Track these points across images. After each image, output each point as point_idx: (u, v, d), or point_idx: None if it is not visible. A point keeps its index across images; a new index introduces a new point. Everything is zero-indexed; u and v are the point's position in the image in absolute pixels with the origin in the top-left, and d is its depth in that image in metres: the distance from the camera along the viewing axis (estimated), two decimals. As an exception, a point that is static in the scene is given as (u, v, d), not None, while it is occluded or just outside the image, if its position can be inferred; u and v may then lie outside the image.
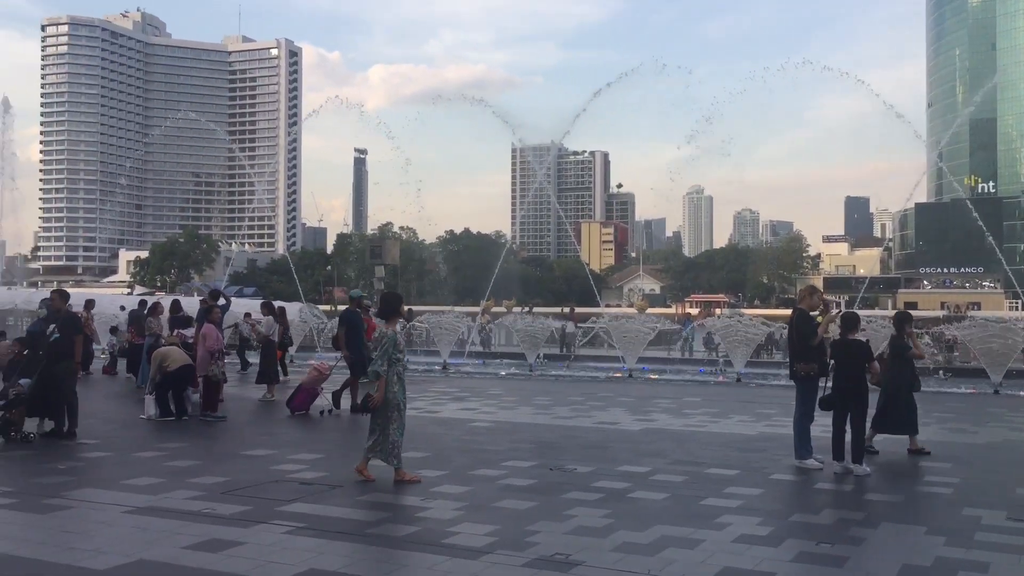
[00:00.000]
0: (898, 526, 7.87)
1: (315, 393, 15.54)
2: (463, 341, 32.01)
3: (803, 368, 10.95)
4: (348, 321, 15.85)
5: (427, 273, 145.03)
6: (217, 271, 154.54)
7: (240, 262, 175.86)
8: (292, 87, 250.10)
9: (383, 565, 6.46)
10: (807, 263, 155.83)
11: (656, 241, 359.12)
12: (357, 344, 15.46)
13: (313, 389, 15.53)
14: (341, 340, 15.66)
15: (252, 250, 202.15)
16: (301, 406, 15.44)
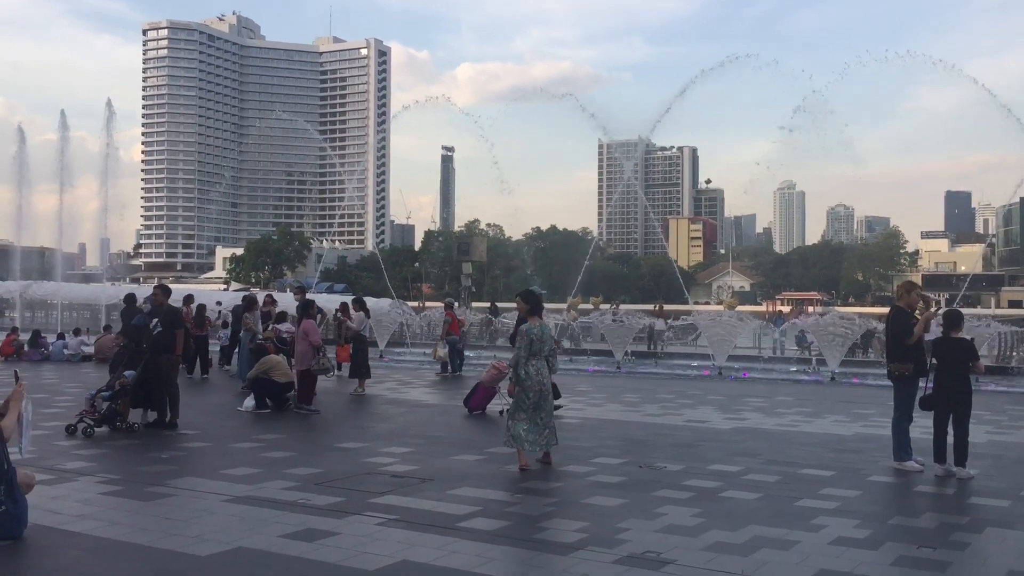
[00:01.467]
0: (1005, 531, 7.57)
1: (493, 392, 14.93)
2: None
3: (897, 368, 10.62)
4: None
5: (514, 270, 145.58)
6: (309, 268, 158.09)
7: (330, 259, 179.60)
8: (381, 86, 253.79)
9: (473, 559, 6.50)
10: (904, 260, 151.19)
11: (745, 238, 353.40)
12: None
13: (492, 388, 14.91)
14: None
15: (342, 247, 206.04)
16: (479, 405, 14.95)
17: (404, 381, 21.07)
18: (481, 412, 14.89)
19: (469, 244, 51.77)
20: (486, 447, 11.50)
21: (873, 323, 25.51)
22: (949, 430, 10.07)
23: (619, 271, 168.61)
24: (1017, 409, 16.61)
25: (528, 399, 10.20)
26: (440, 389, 19.48)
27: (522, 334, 10.38)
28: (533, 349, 10.25)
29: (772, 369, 27.43)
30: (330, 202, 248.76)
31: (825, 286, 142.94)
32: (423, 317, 35.74)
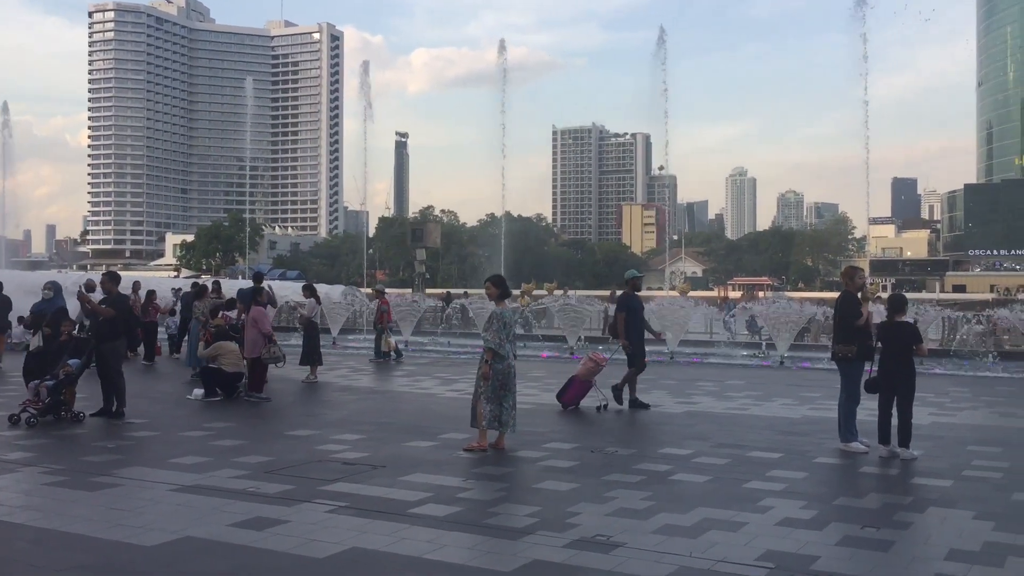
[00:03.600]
0: (946, 511, 7.74)
1: (589, 386, 14.10)
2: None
3: (841, 350, 10.82)
4: (628, 306, 14.24)
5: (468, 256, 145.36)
6: (261, 255, 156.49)
7: (283, 246, 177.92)
8: (334, 71, 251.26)
9: (424, 545, 6.49)
10: (853, 245, 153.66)
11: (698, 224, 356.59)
12: (639, 332, 14.31)
13: (587, 382, 14.11)
14: (621, 327, 14.10)
15: (295, 234, 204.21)
16: (573, 400, 14.04)
17: (356, 368, 20.96)
18: (575, 408, 13.97)
19: (423, 230, 51.68)
20: (439, 433, 11.48)
21: (814, 308, 25.88)
22: (893, 412, 10.27)
23: (573, 257, 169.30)
24: (959, 391, 17.00)
25: (498, 380, 10.28)
26: (392, 376, 19.39)
27: (495, 317, 10.43)
28: (504, 333, 10.33)
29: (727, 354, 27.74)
30: (283, 188, 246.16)
31: (775, 271, 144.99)
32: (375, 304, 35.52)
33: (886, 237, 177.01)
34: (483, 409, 10.32)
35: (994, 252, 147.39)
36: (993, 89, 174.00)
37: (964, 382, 18.99)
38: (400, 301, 32.83)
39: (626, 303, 14.33)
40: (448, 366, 21.83)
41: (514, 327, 10.77)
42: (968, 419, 13.46)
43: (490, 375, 10.27)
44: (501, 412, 10.33)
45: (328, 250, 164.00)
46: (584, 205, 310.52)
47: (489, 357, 10.31)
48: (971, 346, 25.27)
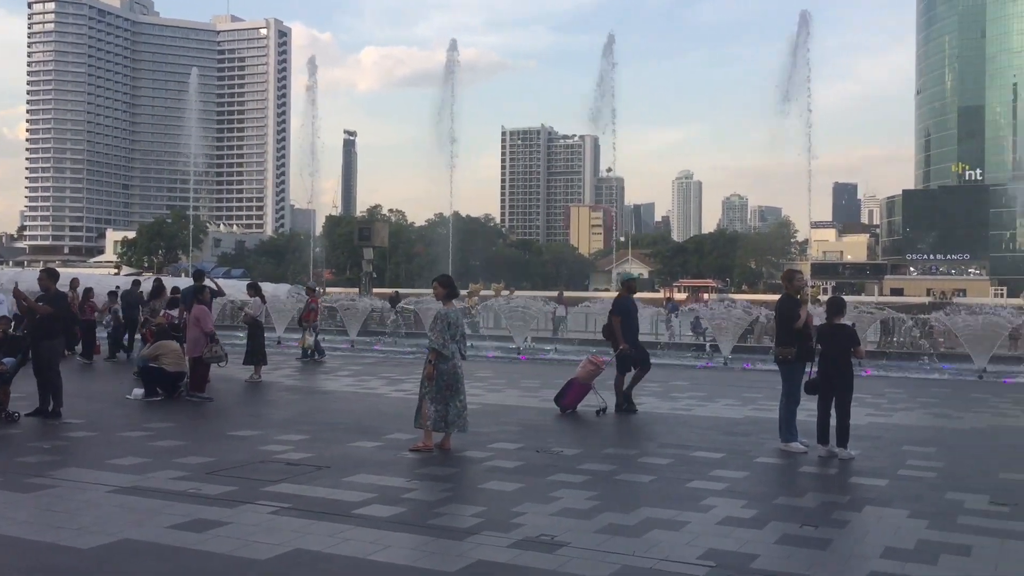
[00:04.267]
0: (882, 509, 7.92)
1: (588, 389, 13.84)
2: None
3: (781, 352, 11.02)
4: (623, 309, 14.05)
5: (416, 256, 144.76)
6: (205, 252, 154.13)
7: (228, 243, 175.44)
8: (282, 68, 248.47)
9: (368, 546, 6.46)
10: (795, 249, 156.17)
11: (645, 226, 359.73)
12: (635, 334, 14.15)
13: (586, 385, 13.85)
14: (617, 331, 13.86)
15: (240, 232, 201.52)
16: (572, 404, 13.77)
17: (302, 368, 20.75)
18: (573, 411, 13.71)
19: (370, 229, 51.30)
20: (385, 434, 11.43)
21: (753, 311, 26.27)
22: (832, 413, 10.48)
23: (521, 258, 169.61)
24: (896, 392, 17.38)
25: (444, 381, 10.24)
26: (338, 376, 19.24)
27: (440, 317, 10.39)
28: (450, 333, 10.30)
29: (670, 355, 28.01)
30: (228, 185, 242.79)
31: (720, 273, 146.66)
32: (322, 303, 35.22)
33: (827, 241, 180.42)
34: (428, 410, 10.29)
35: (931, 256, 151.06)
36: (931, 97, 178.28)
37: (900, 383, 19.43)
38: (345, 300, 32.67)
39: (622, 306, 14.08)
40: (395, 366, 21.73)
41: (462, 327, 10.76)
42: (904, 420, 13.78)
43: (434, 375, 10.24)
44: (447, 413, 10.31)
45: (274, 248, 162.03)
46: (532, 206, 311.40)
47: (433, 357, 10.28)
48: (908, 348, 25.88)
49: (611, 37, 40.84)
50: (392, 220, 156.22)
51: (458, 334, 10.48)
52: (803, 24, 35.56)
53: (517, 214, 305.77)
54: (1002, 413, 14.69)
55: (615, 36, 43.73)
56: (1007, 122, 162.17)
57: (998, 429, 13.05)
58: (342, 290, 71.25)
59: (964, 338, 22.88)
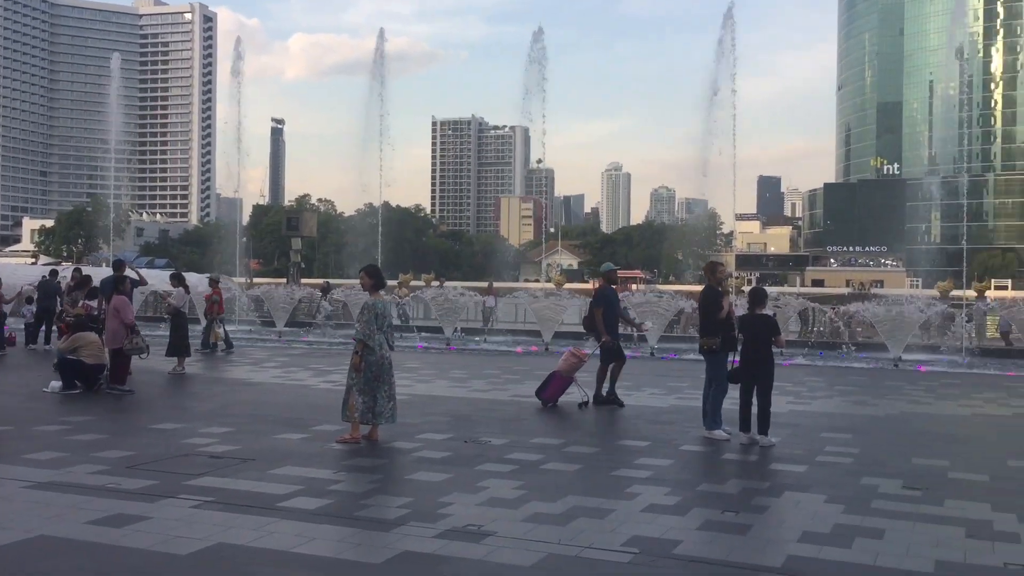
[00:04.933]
0: (800, 495, 8.13)
1: (569, 382, 13.63)
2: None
3: (706, 342, 11.24)
4: (604, 299, 13.83)
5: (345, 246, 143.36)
6: (127, 242, 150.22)
7: (151, 233, 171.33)
8: (207, 53, 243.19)
9: (293, 539, 6.40)
10: (720, 240, 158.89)
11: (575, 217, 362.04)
12: (614, 325, 13.83)
13: (568, 378, 13.62)
14: (600, 322, 13.59)
15: (164, 221, 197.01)
16: (553, 397, 13.55)
17: (227, 360, 20.43)
18: (554, 404, 13.52)
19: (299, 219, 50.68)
20: (312, 425, 11.33)
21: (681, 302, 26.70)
22: (754, 401, 10.72)
23: (451, 248, 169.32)
24: (815, 380, 17.86)
25: (371, 372, 10.18)
26: (265, 367, 18.98)
27: (367, 308, 10.33)
28: (377, 323, 10.24)
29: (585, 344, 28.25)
30: (151, 173, 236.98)
31: (648, 264, 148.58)
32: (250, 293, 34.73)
33: (752, 233, 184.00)
34: (355, 401, 10.22)
35: (850, 248, 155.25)
36: (852, 93, 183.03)
37: (819, 372, 19.97)
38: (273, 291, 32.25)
39: (603, 297, 13.86)
40: (323, 357, 21.53)
41: (390, 318, 10.71)
42: (822, 407, 14.17)
43: (361, 366, 10.18)
44: (375, 404, 10.26)
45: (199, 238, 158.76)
46: (463, 196, 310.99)
47: (359, 348, 10.22)
48: (827, 337, 26.58)
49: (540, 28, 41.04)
50: (321, 210, 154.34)
51: (385, 325, 10.44)
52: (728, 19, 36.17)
53: (448, 205, 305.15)
54: (915, 400, 15.21)
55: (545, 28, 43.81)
56: (923, 118, 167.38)
57: (911, 416, 13.51)
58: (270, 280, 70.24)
59: (880, 328, 23.60)
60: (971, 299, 30.10)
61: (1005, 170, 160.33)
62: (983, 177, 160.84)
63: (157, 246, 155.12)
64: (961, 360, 23.82)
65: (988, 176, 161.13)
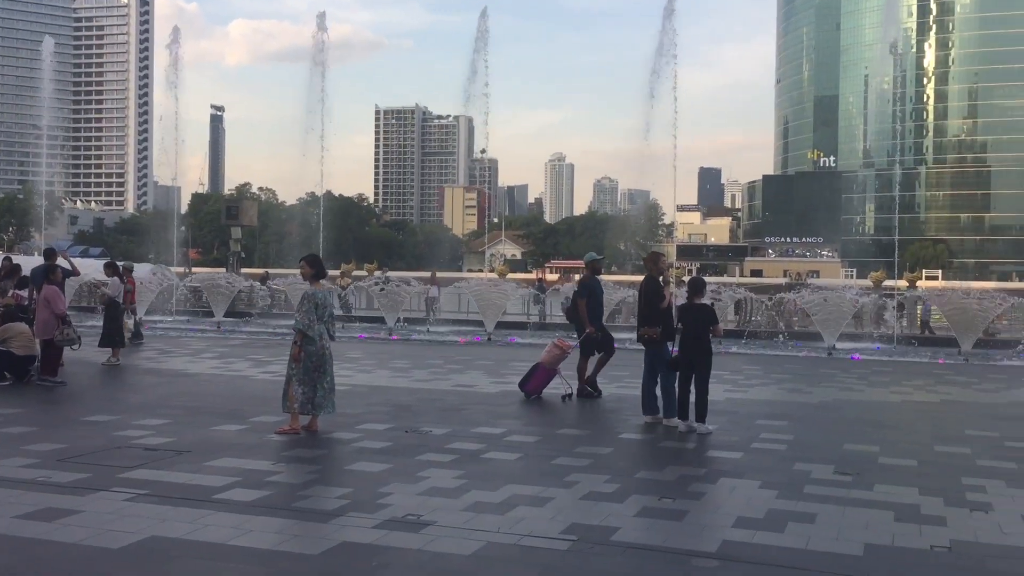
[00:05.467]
0: (735, 481, 8.28)
1: (553, 374, 13.44)
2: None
3: (647, 332, 11.37)
4: (589, 290, 13.52)
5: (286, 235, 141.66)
6: (60, 230, 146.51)
7: (86, 221, 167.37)
8: (144, 38, 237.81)
9: (229, 531, 6.33)
10: (662, 231, 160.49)
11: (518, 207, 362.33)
12: (599, 317, 13.62)
13: (552, 370, 13.43)
14: (583, 313, 13.32)
15: (99, 209, 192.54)
16: (536, 389, 13.35)
17: (164, 350, 20.08)
18: (538, 396, 13.33)
19: (239, 208, 49.89)
20: (250, 416, 11.20)
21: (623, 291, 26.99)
22: (692, 389, 10.87)
23: (395, 238, 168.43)
24: (752, 369, 18.17)
25: (311, 363, 10.09)
26: (203, 358, 18.70)
27: (307, 297, 10.24)
28: (317, 313, 10.16)
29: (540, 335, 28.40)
30: (85, 160, 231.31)
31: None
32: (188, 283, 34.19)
33: (692, 224, 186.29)
34: (295, 392, 10.14)
35: (788, 239, 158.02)
36: (790, 87, 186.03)
37: (756, 360, 20.31)
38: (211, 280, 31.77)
39: (587, 288, 13.57)
40: (263, 347, 21.28)
41: (330, 308, 10.63)
42: (758, 395, 14.43)
43: (300, 357, 10.09)
44: (315, 394, 10.18)
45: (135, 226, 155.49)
46: (406, 186, 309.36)
47: (299, 339, 10.13)
48: (764, 327, 27.06)
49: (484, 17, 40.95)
50: (262, 198, 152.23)
51: (326, 315, 10.36)
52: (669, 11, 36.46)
53: (391, 194, 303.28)
54: (848, 388, 15.56)
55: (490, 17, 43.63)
56: (859, 112, 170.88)
57: (844, 403, 13.82)
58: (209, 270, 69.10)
59: (815, 317, 24.09)
60: (903, 289, 30.86)
61: (936, 163, 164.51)
62: (915, 170, 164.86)
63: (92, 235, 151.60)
64: (893, 348, 24.45)
65: (920, 169, 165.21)
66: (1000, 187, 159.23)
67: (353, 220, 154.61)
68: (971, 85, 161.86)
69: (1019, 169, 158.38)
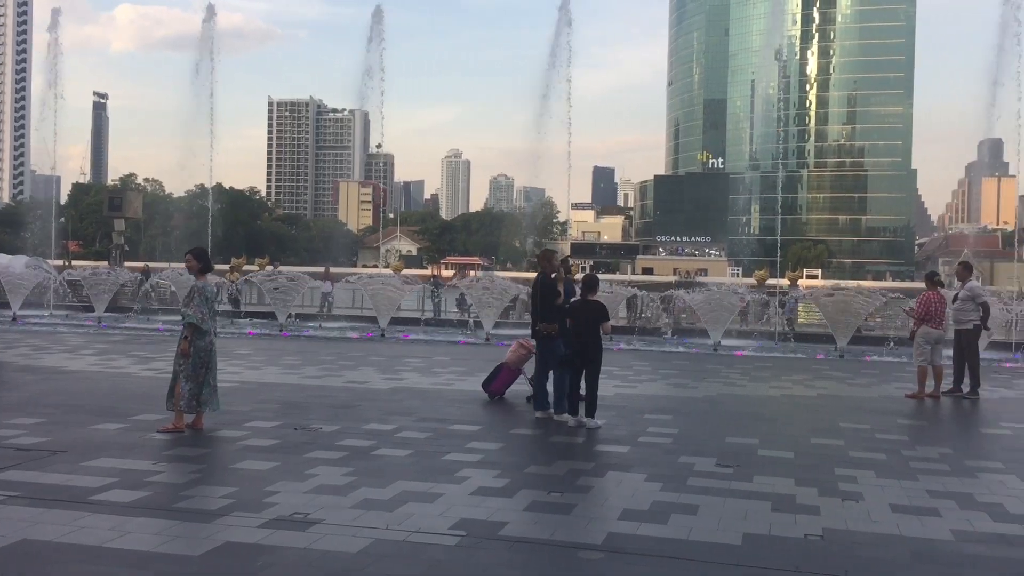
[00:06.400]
0: (622, 474, 8.45)
1: (517, 374, 13.16)
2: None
3: (545, 328, 11.49)
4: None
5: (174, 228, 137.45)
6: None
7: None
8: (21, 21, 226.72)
9: (106, 533, 6.11)
10: (557, 229, 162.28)
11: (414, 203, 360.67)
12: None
13: (516, 370, 13.12)
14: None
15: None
16: (500, 389, 13.03)
17: (40, 347, 19.23)
18: (501, 396, 13.03)
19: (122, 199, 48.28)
20: (131, 415, 10.83)
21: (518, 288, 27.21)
22: (583, 384, 11.04)
23: (288, 232, 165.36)
24: (641, 364, 18.57)
25: (199, 358, 9.87)
26: (81, 354, 17.99)
27: (198, 290, 10.00)
28: (208, 307, 9.98)
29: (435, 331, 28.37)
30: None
31: (486, 252, 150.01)
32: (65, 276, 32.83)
33: (586, 222, 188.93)
34: (182, 388, 9.86)
35: (678, 238, 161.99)
36: (681, 89, 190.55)
37: (645, 356, 20.77)
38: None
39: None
40: (146, 344, 20.61)
41: (215, 302, 10.39)
42: (646, 390, 14.75)
43: (190, 352, 9.83)
44: (200, 391, 9.94)
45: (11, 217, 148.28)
46: (300, 180, 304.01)
47: (189, 333, 9.87)
48: (652, 324, 27.68)
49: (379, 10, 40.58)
50: (148, 190, 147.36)
51: (212, 310, 10.13)
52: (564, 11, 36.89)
53: (284, 188, 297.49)
54: (731, 383, 16.06)
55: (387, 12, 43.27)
56: (746, 115, 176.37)
57: (727, 397, 14.26)
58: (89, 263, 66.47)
59: (702, 314, 24.77)
60: (785, 288, 32.01)
61: (817, 167, 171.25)
62: (798, 173, 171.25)
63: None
64: (774, 344, 25.35)
65: (803, 172, 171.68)
66: (876, 190, 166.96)
67: (244, 214, 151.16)
68: (850, 92, 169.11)
69: (893, 174, 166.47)
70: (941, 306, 14.59)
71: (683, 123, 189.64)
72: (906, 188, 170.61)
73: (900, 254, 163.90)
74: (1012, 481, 8.61)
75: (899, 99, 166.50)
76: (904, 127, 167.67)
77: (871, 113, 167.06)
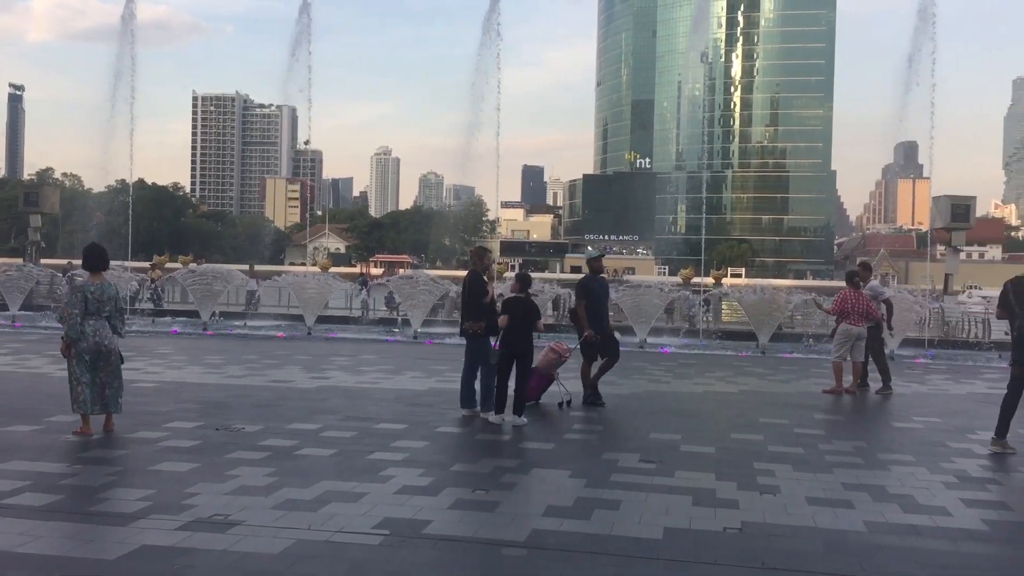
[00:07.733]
0: (546, 471, 8.51)
1: (550, 380, 12.73)
2: (132, 298, 30.04)
3: (472, 326, 11.50)
4: (588, 291, 12.79)
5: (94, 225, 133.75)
6: None
7: None
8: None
9: (16, 538, 5.93)
10: (486, 227, 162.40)
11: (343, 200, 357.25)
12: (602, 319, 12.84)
13: (549, 375, 12.70)
14: (583, 315, 12.60)
15: None
16: (532, 396, 12.31)
17: (-51, 347, 18.53)
18: (535, 402, 12.46)
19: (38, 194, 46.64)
20: (46, 416, 10.53)
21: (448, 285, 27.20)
22: (511, 383, 11.08)
23: (213, 229, 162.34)
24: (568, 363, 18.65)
25: (84, 360, 9.59)
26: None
27: (76, 290, 9.73)
28: (90, 308, 9.64)
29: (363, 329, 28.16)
30: None
31: (416, 250, 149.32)
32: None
33: (516, 220, 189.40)
34: (80, 391, 9.61)
35: (606, 237, 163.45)
36: (609, 90, 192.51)
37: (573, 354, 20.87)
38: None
39: (587, 288, 12.84)
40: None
41: (114, 302, 10.03)
42: (574, 388, 14.78)
43: (68, 353, 9.64)
44: (102, 393, 9.70)
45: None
46: (226, 176, 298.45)
47: (64, 335, 9.67)
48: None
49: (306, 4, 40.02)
50: (66, 185, 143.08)
51: (107, 308, 9.83)
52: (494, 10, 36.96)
53: (209, 184, 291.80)
54: (656, 380, 16.28)
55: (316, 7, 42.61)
56: (673, 116, 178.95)
57: (653, 394, 14.45)
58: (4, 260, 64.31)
59: (628, 312, 25.07)
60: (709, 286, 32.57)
61: (741, 167, 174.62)
62: (723, 173, 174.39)
63: None
64: (699, 342, 25.79)
65: (727, 173, 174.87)
66: (797, 191, 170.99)
67: (168, 210, 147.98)
68: (773, 95, 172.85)
69: (813, 175, 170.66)
70: (860, 303, 15.00)
71: (611, 123, 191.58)
72: (826, 189, 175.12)
73: (820, 253, 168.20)
74: (922, 473, 8.91)
75: (819, 102, 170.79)
76: (824, 129, 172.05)
77: (792, 115, 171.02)
